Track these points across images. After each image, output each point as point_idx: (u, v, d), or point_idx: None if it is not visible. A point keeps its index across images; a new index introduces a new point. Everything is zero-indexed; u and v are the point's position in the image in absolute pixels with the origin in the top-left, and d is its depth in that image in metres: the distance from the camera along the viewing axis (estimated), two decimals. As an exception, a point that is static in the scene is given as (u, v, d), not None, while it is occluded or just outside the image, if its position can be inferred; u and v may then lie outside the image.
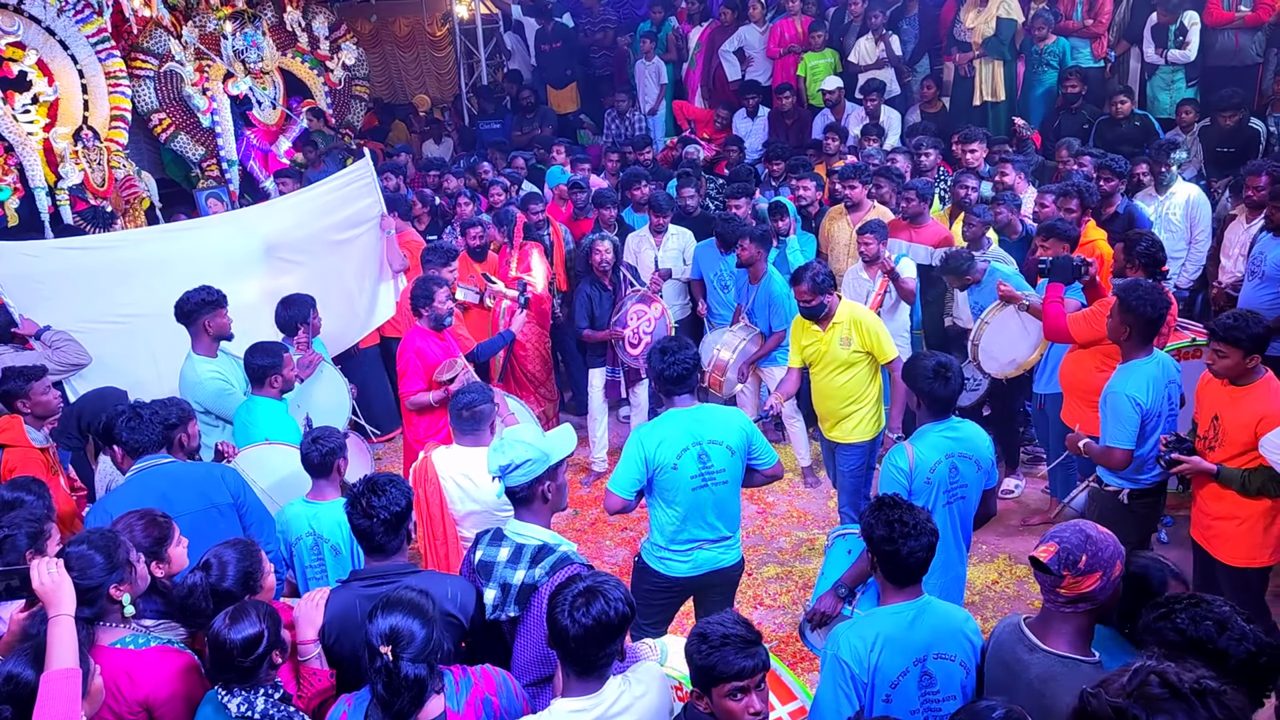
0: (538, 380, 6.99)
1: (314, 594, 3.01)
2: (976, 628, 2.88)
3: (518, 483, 3.10)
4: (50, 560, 2.57)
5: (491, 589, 2.99)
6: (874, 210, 6.82)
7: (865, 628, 2.79)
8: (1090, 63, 8.84)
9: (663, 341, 3.99)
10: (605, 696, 2.53)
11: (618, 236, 7.29)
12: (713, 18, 11.03)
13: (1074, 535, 2.55)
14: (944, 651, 2.77)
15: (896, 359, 5.04)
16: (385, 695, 2.42)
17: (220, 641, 2.55)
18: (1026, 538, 5.77)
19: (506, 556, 3.03)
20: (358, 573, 3.07)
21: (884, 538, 2.81)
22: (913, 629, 2.78)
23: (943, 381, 3.73)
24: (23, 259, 5.48)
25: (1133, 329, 4.13)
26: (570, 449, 3.23)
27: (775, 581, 5.54)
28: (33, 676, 2.41)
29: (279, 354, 4.71)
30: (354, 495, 3.04)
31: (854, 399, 5.19)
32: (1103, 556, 2.52)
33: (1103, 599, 2.55)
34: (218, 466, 3.94)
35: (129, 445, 3.80)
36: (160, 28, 9.16)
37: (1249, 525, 3.95)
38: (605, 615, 2.47)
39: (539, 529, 3.12)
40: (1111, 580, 2.53)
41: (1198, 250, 6.55)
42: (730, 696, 2.45)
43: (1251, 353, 3.83)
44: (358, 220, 6.71)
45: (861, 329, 5.09)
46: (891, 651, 2.74)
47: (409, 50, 13.45)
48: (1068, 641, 2.57)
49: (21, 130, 7.94)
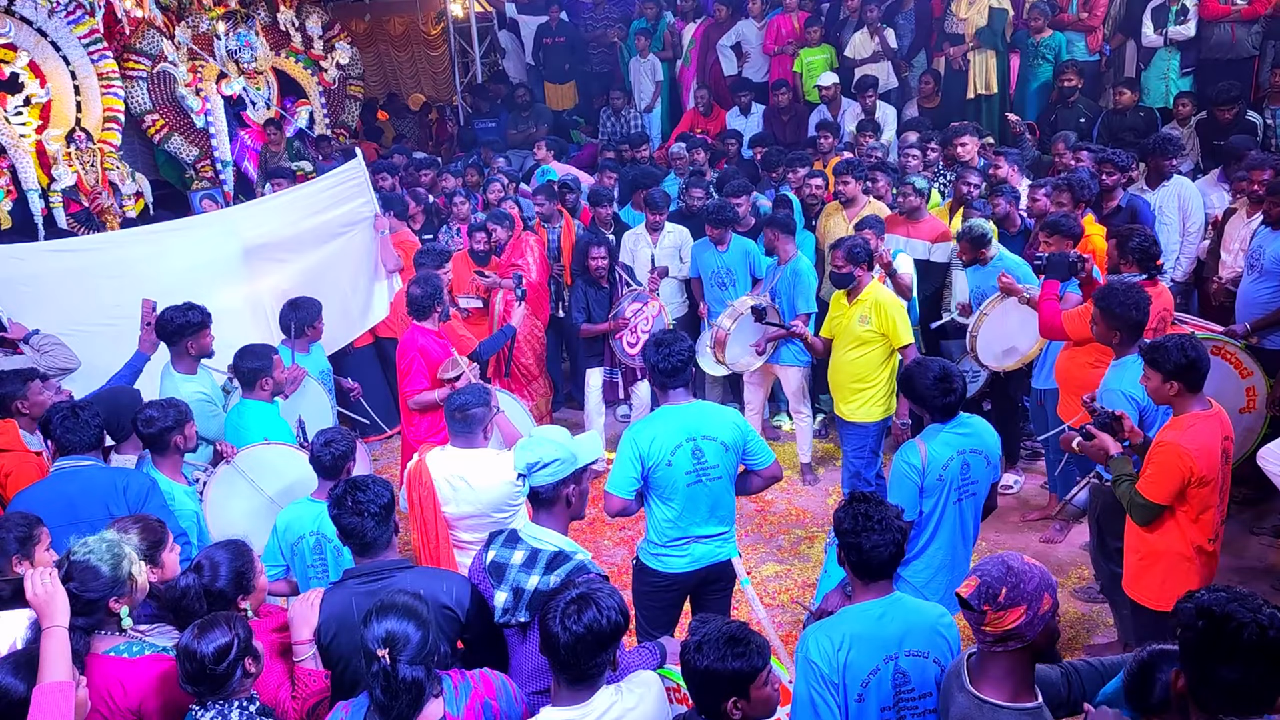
0: (531, 374, 6.97)
1: (308, 595, 3.00)
2: (952, 623, 2.83)
3: (544, 483, 3.08)
4: (44, 570, 2.55)
5: (503, 592, 2.95)
6: (869, 205, 6.80)
7: (833, 627, 2.75)
8: (1085, 56, 8.82)
9: (658, 334, 3.97)
10: (595, 706, 2.50)
11: (615, 235, 7.27)
12: (707, 14, 11.00)
13: (995, 568, 2.43)
14: (916, 648, 2.72)
15: (910, 346, 5.18)
16: (384, 699, 2.41)
17: (190, 653, 2.51)
18: (1026, 534, 5.75)
19: (521, 560, 2.99)
20: (351, 570, 3.05)
21: (849, 530, 2.78)
22: (881, 625, 2.72)
23: (944, 392, 3.73)
24: (10, 262, 5.44)
25: (1120, 331, 4.18)
26: (596, 456, 3.21)
27: (775, 580, 5.52)
28: (16, 685, 2.40)
29: (269, 357, 4.69)
30: (338, 496, 3.03)
31: (862, 378, 5.32)
32: (1025, 589, 2.38)
33: (1032, 636, 2.40)
34: (125, 474, 3.87)
35: (60, 442, 3.84)
36: (153, 28, 9.13)
37: (1146, 561, 3.79)
38: (597, 624, 2.44)
39: (556, 535, 3.08)
40: (1040, 615, 2.38)
41: (1190, 243, 6.52)
42: (765, 683, 2.48)
43: (1170, 379, 3.59)
44: (350, 220, 6.68)
45: (880, 310, 5.22)
46: (860, 649, 2.68)
47: (403, 49, 13.42)
48: (994, 684, 2.44)
49: (14, 132, 7.90)
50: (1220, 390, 5.06)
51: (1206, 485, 3.58)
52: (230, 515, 4.33)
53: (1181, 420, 3.64)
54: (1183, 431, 3.60)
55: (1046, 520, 5.77)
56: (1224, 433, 3.67)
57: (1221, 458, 3.64)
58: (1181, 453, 3.54)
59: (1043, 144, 8.13)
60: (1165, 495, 3.61)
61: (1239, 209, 6.09)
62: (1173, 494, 3.60)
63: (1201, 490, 3.59)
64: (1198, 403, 3.65)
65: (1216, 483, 3.63)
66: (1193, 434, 3.58)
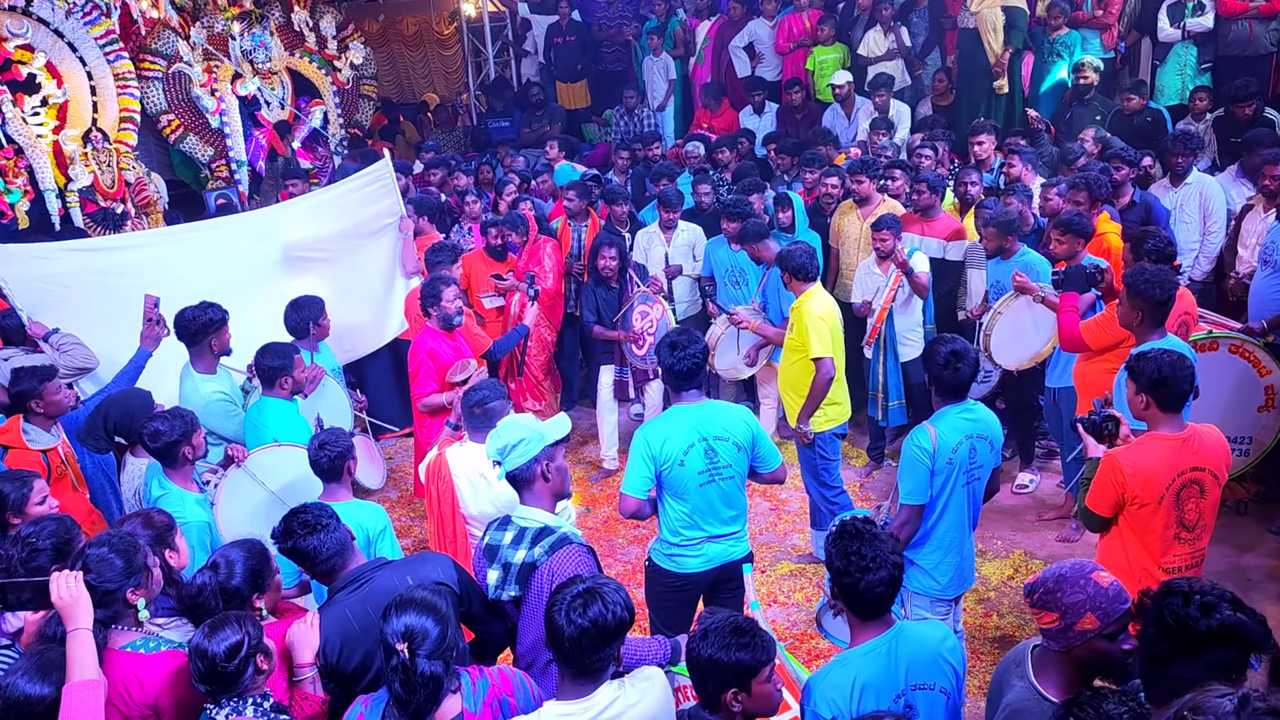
0: (539, 376, 6.99)
1: (306, 618, 3.00)
2: (956, 645, 2.79)
3: (516, 464, 3.14)
4: (70, 574, 2.59)
5: (494, 570, 3.06)
6: (884, 204, 6.78)
7: (840, 675, 2.64)
8: (1100, 54, 8.77)
9: (672, 335, 3.97)
10: (597, 701, 2.50)
11: (630, 233, 7.27)
12: (720, 13, 10.99)
13: (1059, 569, 2.46)
14: (922, 682, 2.68)
15: (823, 359, 5.04)
16: (402, 693, 2.42)
17: (202, 652, 2.53)
18: (1041, 533, 5.73)
19: (510, 539, 3.10)
20: (335, 585, 3.05)
21: (841, 570, 2.66)
22: (890, 667, 2.65)
23: (953, 369, 3.76)
24: (32, 261, 5.47)
25: (1143, 313, 4.16)
26: (564, 432, 3.26)
27: (789, 579, 5.51)
28: (39, 691, 2.45)
29: (290, 355, 4.70)
30: (281, 531, 3.02)
31: (793, 386, 5.29)
32: (1063, 599, 2.40)
33: (1063, 646, 2.42)
34: None
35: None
36: (168, 29, 9.17)
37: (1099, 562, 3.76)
38: (602, 618, 2.45)
39: (541, 512, 3.16)
40: (1075, 630, 2.39)
41: (1210, 242, 6.48)
42: (768, 680, 2.48)
43: (1143, 392, 3.51)
44: (378, 222, 6.69)
45: (799, 320, 5.17)
46: (871, 695, 2.61)
47: (416, 49, 13.45)
48: (1053, 680, 2.46)
49: (31, 132, 7.94)
50: (1238, 389, 5.06)
51: (1145, 508, 3.45)
52: (241, 519, 4.32)
53: (1142, 438, 3.57)
54: (1130, 450, 3.53)
55: (1063, 519, 5.74)
56: (1192, 462, 3.46)
57: (1174, 485, 3.45)
58: (1116, 468, 3.47)
59: (1059, 142, 8.10)
60: (1101, 507, 3.56)
61: (1256, 205, 6.05)
62: (1109, 507, 3.54)
63: (1141, 512, 3.47)
64: (1169, 424, 3.50)
65: (1160, 512, 3.46)
66: (1138, 454, 3.49)
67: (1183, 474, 3.46)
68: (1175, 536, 3.51)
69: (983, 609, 5.10)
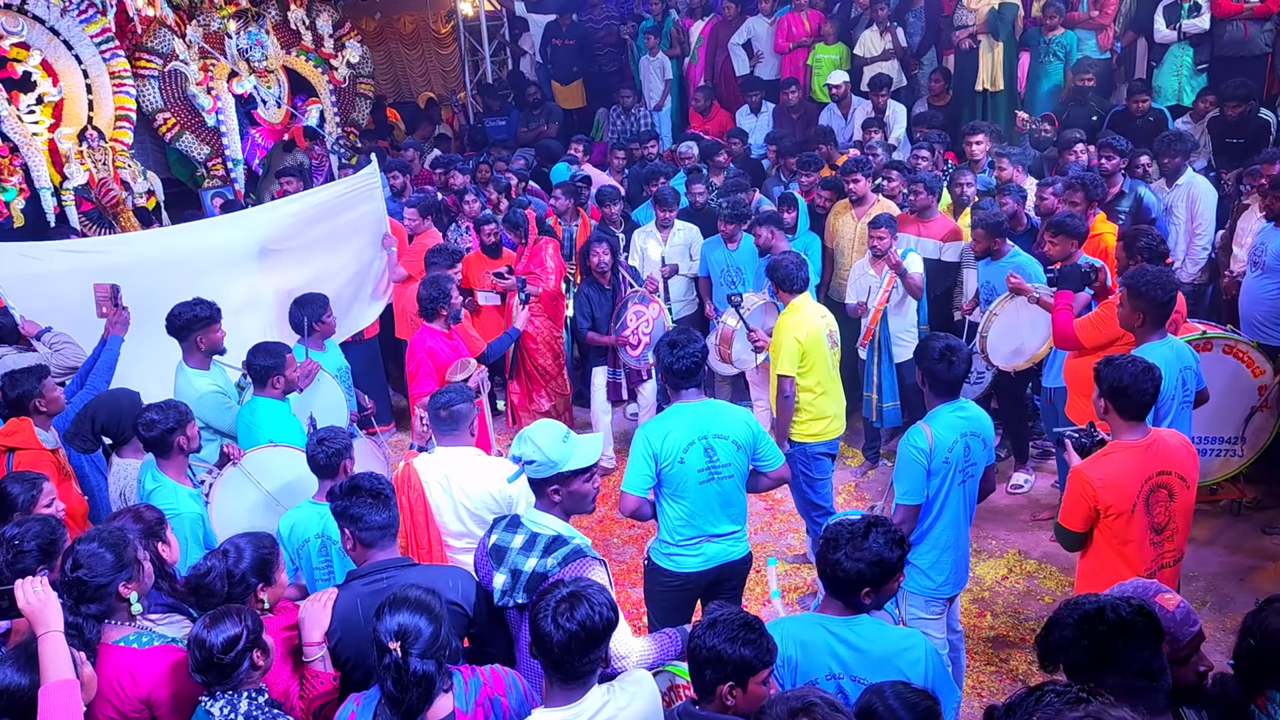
0: (549, 374, 6.98)
1: (320, 595, 3.00)
2: (919, 659, 2.72)
3: (524, 479, 3.14)
4: (35, 579, 2.58)
5: (502, 574, 2.99)
6: (879, 204, 6.78)
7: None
8: (1096, 54, 8.78)
9: (671, 334, 3.96)
10: (586, 706, 2.49)
11: (625, 233, 7.27)
12: (715, 12, 10.98)
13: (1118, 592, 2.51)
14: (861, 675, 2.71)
15: (785, 379, 5.02)
16: (394, 692, 2.42)
17: (200, 642, 2.56)
18: (1036, 533, 5.74)
19: (520, 543, 3.03)
20: (354, 572, 3.06)
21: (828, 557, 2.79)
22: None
23: (946, 364, 3.77)
24: (23, 260, 5.47)
25: (1145, 314, 4.15)
26: (588, 462, 3.15)
27: (783, 578, 5.50)
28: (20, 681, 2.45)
29: (281, 354, 4.69)
30: (349, 485, 3.05)
31: (775, 398, 5.22)
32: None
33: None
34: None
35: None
36: (164, 27, 9.15)
37: (1081, 581, 3.72)
38: (590, 621, 2.44)
39: (554, 519, 3.12)
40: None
41: (1198, 242, 6.48)
42: (764, 682, 2.49)
43: (1104, 397, 3.52)
44: (357, 225, 6.69)
45: (777, 331, 5.16)
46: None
47: (414, 48, 13.44)
48: None
49: (26, 131, 7.94)
50: (1231, 389, 5.07)
51: (1119, 518, 3.45)
52: (237, 518, 4.28)
53: (1106, 448, 3.57)
54: (1096, 461, 3.53)
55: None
56: (1159, 466, 3.48)
57: (1143, 491, 3.46)
58: (1084, 481, 3.48)
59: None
60: (1073, 522, 3.57)
61: (1251, 204, 6.06)
62: (1082, 522, 3.54)
63: (1116, 522, 3.47)
64: (1131, 431, 3.51)
65: (1135, 519, 3.46)
66: (1105, 466, 3.49)
67: (1150, 479, 3.47)
68: (1150, 542, 3.53)
69: (977, 609, 5.11)
